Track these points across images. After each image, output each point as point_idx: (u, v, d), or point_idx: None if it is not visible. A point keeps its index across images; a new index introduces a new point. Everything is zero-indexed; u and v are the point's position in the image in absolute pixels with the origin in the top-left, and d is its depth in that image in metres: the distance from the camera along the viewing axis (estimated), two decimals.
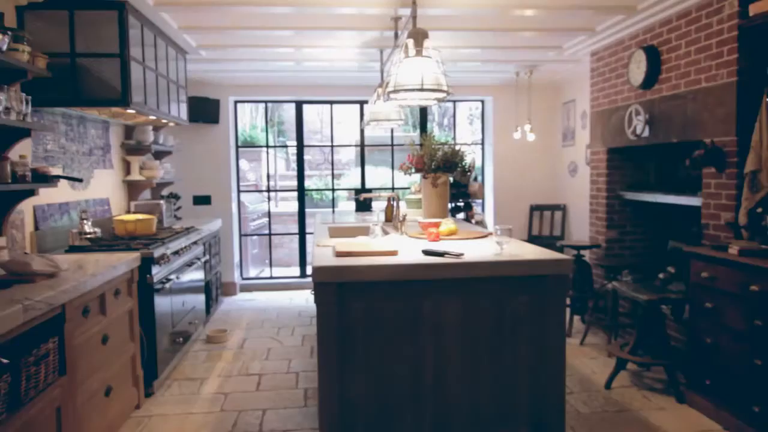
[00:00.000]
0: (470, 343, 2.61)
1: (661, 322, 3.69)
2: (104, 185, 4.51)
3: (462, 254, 2.65)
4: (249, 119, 12.35)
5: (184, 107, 4.89)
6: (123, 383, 3.21)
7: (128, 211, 4.88)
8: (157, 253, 3.56)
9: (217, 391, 3.66)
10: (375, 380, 2.56)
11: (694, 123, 3.73)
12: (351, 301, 2.51)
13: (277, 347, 4.54)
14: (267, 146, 7.24)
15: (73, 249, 3.50)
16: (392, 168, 7.17)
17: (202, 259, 4.88)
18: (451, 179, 5.65)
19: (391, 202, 4.37)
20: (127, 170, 4.99)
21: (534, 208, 6.87)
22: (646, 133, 4.25)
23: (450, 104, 12.81)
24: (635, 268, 4.58)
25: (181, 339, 4.07)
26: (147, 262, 3.48)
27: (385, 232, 3.70)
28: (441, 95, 3.05)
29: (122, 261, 3.13)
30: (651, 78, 4.16)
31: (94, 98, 3.41)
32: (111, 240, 3.80)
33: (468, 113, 10.52)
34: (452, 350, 2.60)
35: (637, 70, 4.29)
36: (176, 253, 4.01)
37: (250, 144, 11.18)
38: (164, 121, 4.63)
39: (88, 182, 4.19)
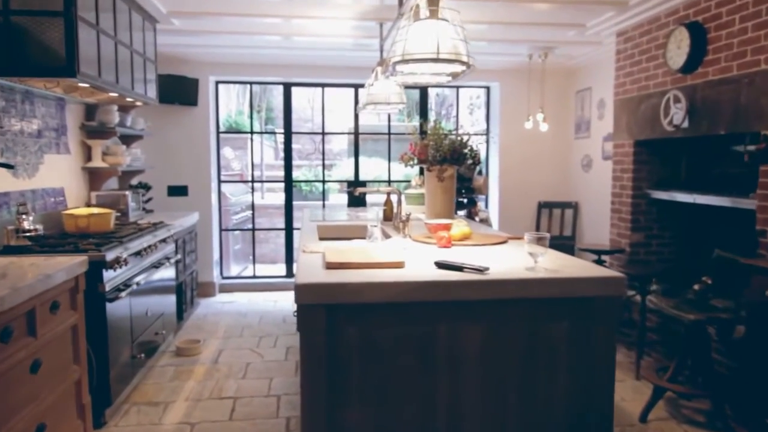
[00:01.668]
0: (494, 380, 2.05)
1: (707, 345, 3.15)
2: (58, 173, 3.89)
3: (487, 269, 2.08)
4: (235, 105, 11.68)
5: (153, 85, 4.27)
6: (63, 417, 2.61)
7: (88, 203, 4.26)
8: (111, 255, 2.96)
9: (182, 421, 3.08)
10: (374, 424, 2.00)
11: (750, 112, 3.18)
12: (344, 327, 1.94)
13: (257, 362, 3.96)
14: (251, 132, 6.62)
15: (6, 250, 2.89)
16: (389, 159, 6.59)
17: (173, 259, 4.27)
18: None
19: (391, 198, 3.79)
20: (88, 156, 4.36)
21: (542, 206, 6.32)
22: (686, 124, 3.69)
23: (449, 92, 12.21)
24: (662, 276, 4.04)
25: (142, 355, 3.48)
26: (97, 267, 2.89)
27: (386, 235, 3.12)
28: (459, 68, 2.46)
29: (61, 267, 2.52)
30: (694, 60, 3.60)
31: (31, 66, 2.79)
32: (58, 239, 3.19)
33: (468, 102, 9.93)
34: (472, 387, 2.04)
35: (678, 51, 3.73)
36: (138, 254, 3.40)
37: (235, 131, 10.51)
38: (129, 99, 4.01)
39: (35, 169, 3.57)
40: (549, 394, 2.09)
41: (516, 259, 2.37)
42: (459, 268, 2.11)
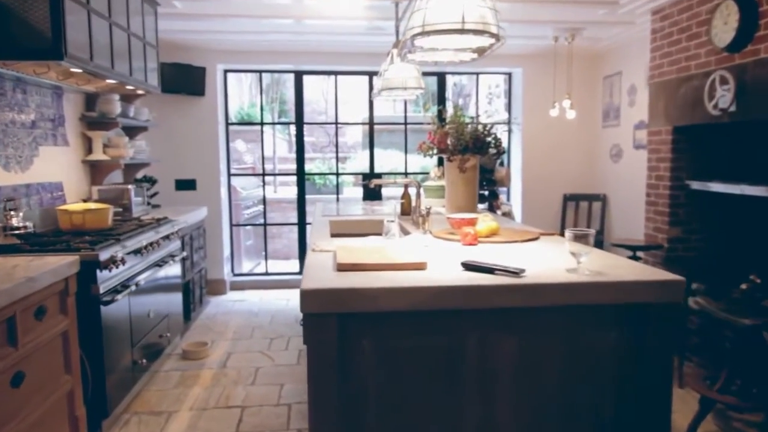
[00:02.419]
0: (531, 398, 1.78)
1: (765, 352, 2.83)
2: (55, 166, 3.67)
3: (522, 271, 1.80)
4: (248, 97, 11.45)
5: (154, 72, 4.02)
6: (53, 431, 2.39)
7: (88, 198, 4.04)
8: (105, 254, 2.72)
9: None
10: None
11: None
12: (358, 338, 1.68)
13: (267, 366, 3.71)
14: (261, 123, 6.36)
15: None
16: (405, 150, 6.29)
17: (179, 256, 4.04)
18: None
19: (409, 191, 3.51)
20: (89, 148, 4.14)
21: (568, 198, 5.99)
22: (733, 107, 3.35)
23: (467, 80, 11.85)
24: (702, 274, 3.71)
25: (144, 360, 3.25)
26: (90, 267, 2.65)
27: (404, 231, 2.84)
28: (487, 41, 2.17)
29: (48, 269, 2.29)
30: (744, 36, 3.25)
31: (14, 48, 2.55)
32: (51, 236, 2.97)
33: (486, 92, 9.58)
34: (505, 406, 1.77)
35: (724, 27, 3.39)
36: (137, 252, 3.17)
37: (246, 122, 10.27)
38: (129, 87, 3.77)
39: (29, 162, 3.35)
40: (594, 414, 1.81)
41: (553, 259, 2.08)
42: (489, 270, 1.83)
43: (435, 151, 3.73)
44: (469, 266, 1.88)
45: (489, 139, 3.66)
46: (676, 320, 1.80)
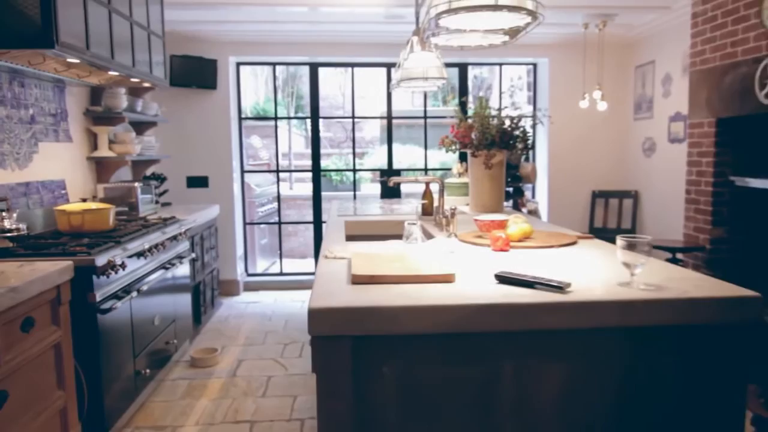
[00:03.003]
0: None
1: None
2: (57, 163, 3.48)
3: (568, 285, 1.54)
4: (264, 92, 11.26)
5: (161, 64, 3.81)
6: None
7: (94, 197, 3.86)
8: (102, 259, 2.51)
9: None
10: None
11: None
12: (377, 366, 1.44)
13: (280, 376, 3.50)
14: (276, 117, 6.14)
15: None
16: (425, 146, 6.03)
17: (188, 258, 3.84)
18: None
19: (431, 189, 3.26)
20: (94, 144, 3.95)
21: (597, 195, 5.68)
22: None
23: (488, 74, 11.54)
24: (751, 279, 3.41)
25: (147, 370, 3.04)
26: (86, 273, 2.45)
27: (427, 234, 2.59)
28: (523, 20, 1.91)
29: (35, 276, 2.09)
30: None
31: (1, 35, 2.34)
32: (48, 239, 2.77)
33: (508, 84, 9.26)
34: None
35: None
36: (140, 254, 2.96)
37: (259, 117, 10.07)
38: (134, 80, 3.56)
39: (28, 158, 3.16)
40: None
41: (599, 270, 1.82)
42: (529, 284, 1.57)
43: (458, 146, 3.48)
44: (504, 279, 1.63)
45: (517, 132, 3.40)
46: (751, 343, 1.53)
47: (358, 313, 1.40)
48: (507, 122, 3.40)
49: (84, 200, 3.13)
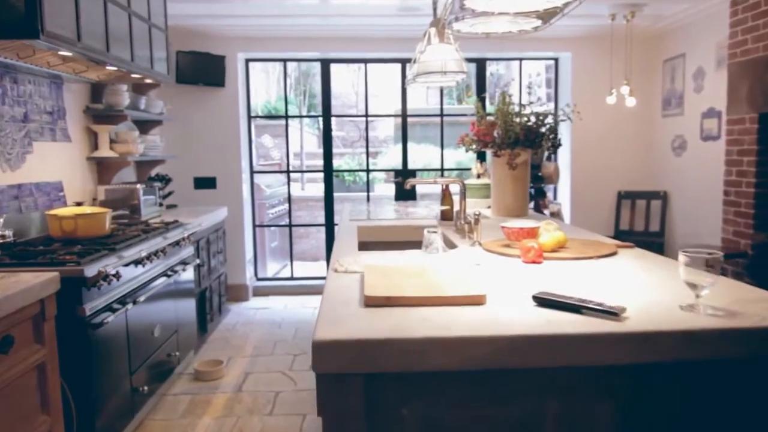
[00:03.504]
0: None
1: None
2: (54, 164, 3.29)
3: (622, 310, 1.30)
4: (276, 90, 11.07)
5: (163, 59, 3.61)
6: None
7: (94, 199, 3.67)
8: (92, 269, 2.30)
9: None
10: None
11: None
12: (395, 407, 1.21)
13: (288, 391, 3.28)
14: (286, 116, 5.92)
15: None
16: (441, 145, 5.78)
17: (192, 264, 3.64)
18: None
19: (450, 191, 3.01)
20: (95, 144, 3.76)
21: (623, 196, 5.40)
22: None
23: (504, 70, 11.25)
24: None
25: (145, 388, 2.83)
26: (75, 285, 2.24)
27: (448, 243, 2.35)
28: (559, 1, 1.66)
29: (16, 290, 1.88)
30: None
31: None
32: (38, 246, 2.58)
33: (526, 81, 8.96)
34: None
35: None
36: (138, 262, 2.75)
37: (269, 115, 9.86)
38: (135, 75, 3.36)
39: (21, 159, 2.97)
40: None
41: (652, 288, 1.57)
42: (575, 308, 1.33)
43: (479, 144, 3.23)
44: (544, 301, 1.38)
45: (543, 130, 3.14)
46: None
47: (373, 347, 1.17)
48: (532, 119, 3.15)
49: (78, 204, 2.93)
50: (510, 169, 3.12)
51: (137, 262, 2.76)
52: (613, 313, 1.28)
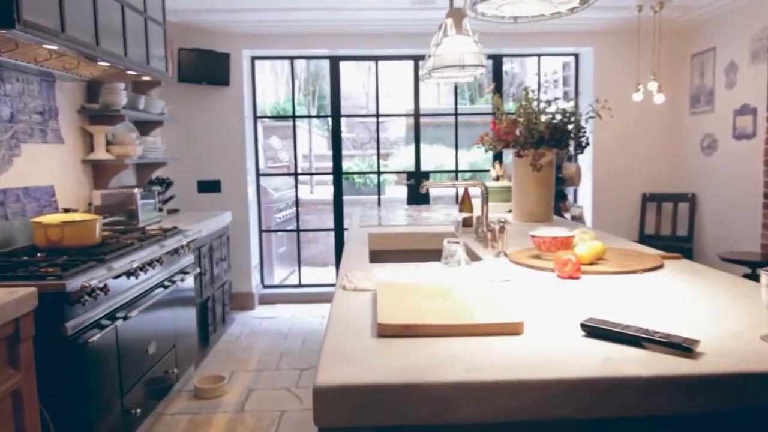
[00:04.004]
0: None
1: None
2: (44, 167, 3.09)
3: (696, 343, 1.05)
4: (285, 91, 10.87)
5: (161, 55, 3.40)
6: None
7: (90, 205, 3.47)
8: (75, 283, 2.08)
9: None
10: None
11: None
12: None
13: (294, 410, 3.04)
14: (294, 116, 5.70)
15: None
16: (455, 146, 5.54)
17: (193, 273, 3.42)
18: None
19: (469, 195, 2.77)
20: (91, 146, 3.56)
21: (648, 198, 5.12)
22: None
23: (518, 68, 10.98)
24: None
25: (138, 410, 2.60)
26: (56, 301, 2.02)
27: (469, 252, 2.11)
28: None
29: None
30: None
31: None
32: (21, 257, 2.37)
33: (542, 79, 8.69)
34: None
35: None
36: (131, 274, 2.54)
37: (276, 116, 9.65)
38: (131, 72, 3.15)
39: (8, 162, 2.76)
40: None
41: (721, 311, 1.32)
42: (634, 341, 1.08)
43: (499, 144, 2.99)
44: (594, 330, 1.14)
45: (570, 127, 2.90)
46: None
47: (389, 394, 0.93)
48: (557, 117, 2.91)
49: (67, 210, 2.72)
50: (533, 171, 2.88)
51: (129, 274, 2.54)
52: (685, 349, 1.03)
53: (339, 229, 5.43)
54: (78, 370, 2.14)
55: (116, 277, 2.41)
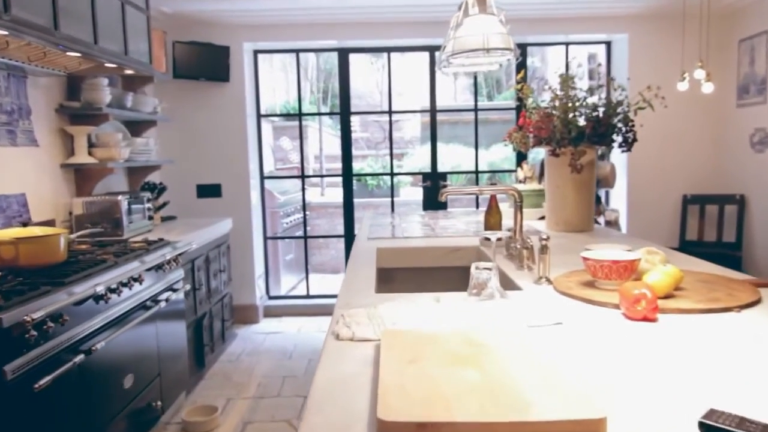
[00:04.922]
0: None
1: None
2: (14, 174, 2.74)
3: None
4: (295, 89, 10.51)
5: (143, 46, 3.03)
6: None
7: (70, 214, 3.11)
8: (12, 317, 1.70)
9: None
10: None
11: None
12: None
13: None
14: (300, 114, 5.32)
15: None
16: (475, 145, 5.11)
17: (183, 289, 3.04)
18: None
19: (497, 203, 2.34)
20: (71, 149, 3.21)
21: (689, 200, 4.64)
22: None
23: (539, 62, 10.47)
24: None
25: None
26: None
27: (504, 279, 1.69)
28: None
29: None
30: None
31: None
32: None
33: (565, 72, 8.20)
34: None
35: None
36: (99, 297, 2.16)
37: (282, 114, 9.27)
38: (109, 65, 2.78)
39: None
40: None
41: None
42: None
43: (532, 141, 2.57)
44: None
45: (616, 120, 2.47)
46: None
47: None
48: (600, 109, 2.48)
49: (25, 224, 2.34)
50: (573, 172, 2.45)
51: (98, 298, 2.16)
52: None
53: (349, 235, 5.03)
54: (23, 421, 1.76)
55: (79, 303, 2.03)
